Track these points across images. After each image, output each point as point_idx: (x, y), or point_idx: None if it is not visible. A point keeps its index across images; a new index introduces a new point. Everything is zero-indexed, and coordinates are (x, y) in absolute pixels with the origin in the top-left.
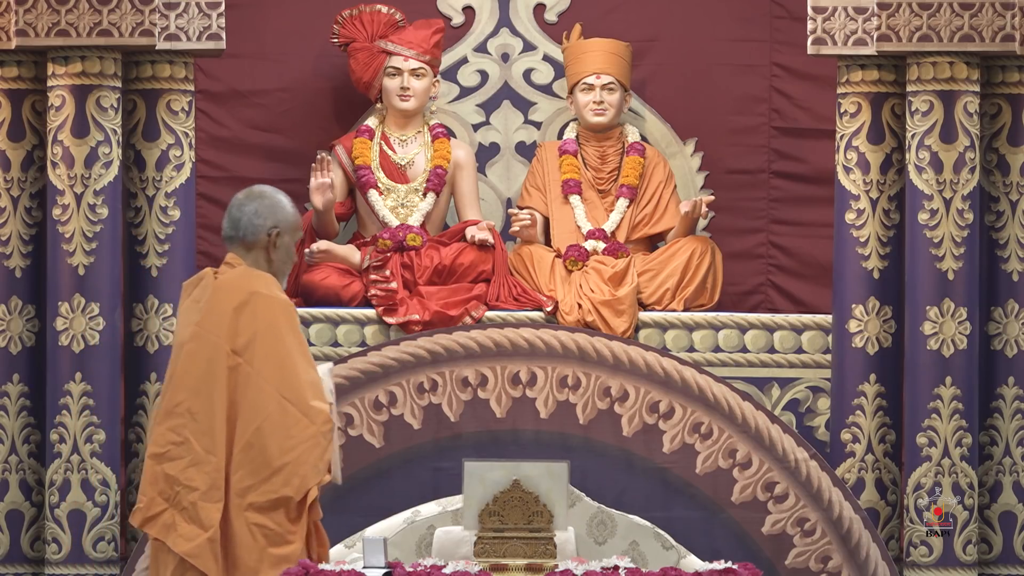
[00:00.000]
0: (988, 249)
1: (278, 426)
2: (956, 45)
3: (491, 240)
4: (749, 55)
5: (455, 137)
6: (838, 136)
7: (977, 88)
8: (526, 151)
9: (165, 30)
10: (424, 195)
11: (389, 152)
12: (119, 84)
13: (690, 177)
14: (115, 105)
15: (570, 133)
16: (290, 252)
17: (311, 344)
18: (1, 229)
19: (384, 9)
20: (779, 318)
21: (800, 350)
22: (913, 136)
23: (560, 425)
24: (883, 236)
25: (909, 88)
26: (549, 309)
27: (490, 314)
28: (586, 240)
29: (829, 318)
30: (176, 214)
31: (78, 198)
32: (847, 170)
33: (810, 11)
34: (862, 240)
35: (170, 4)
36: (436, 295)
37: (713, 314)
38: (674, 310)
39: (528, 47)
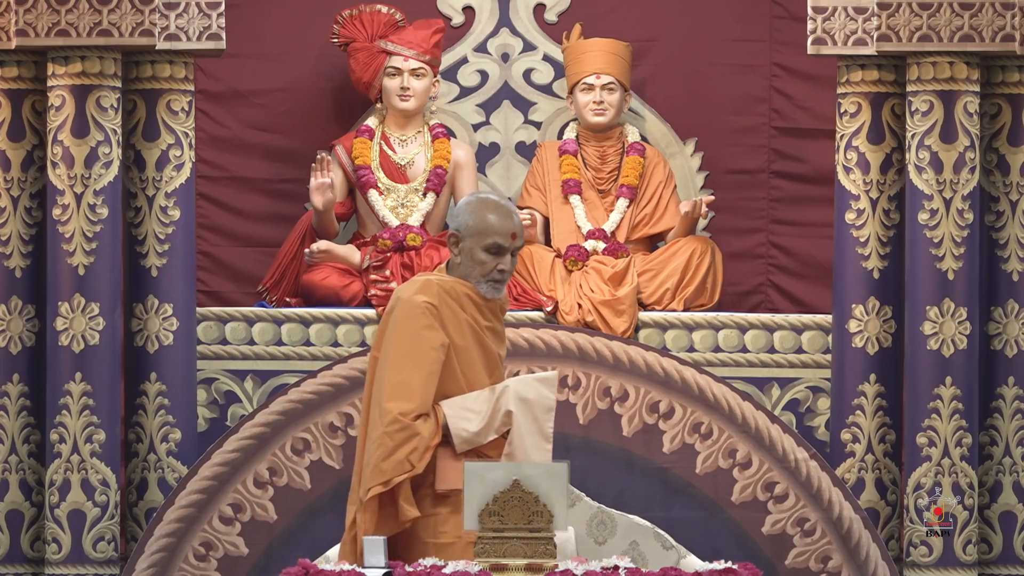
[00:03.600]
0: (988, 249)
1: (371, 428)
2: (956, 45)
3: None
4: (749, 55)
5: (455, 137)
6: (838, 136)
7: (977, 88)
8: (526, 151)
9: (165, 30)
10: (424, 195)
11: (389, 152)
12: (119, 84)
13: (690, 177)
14: (115, 105)
15: (570, 133)
16: (475, 257)
17: (310, 344)
18: (1, 229)
19: (384, 9)
20: (779, 318)
21: (800, 350)
22: (913, 136)
23: (560, 425)
24: (883, 236)
25: (909, 88)
26: (549, 309)
27: None
28: (586, 240)
29: (829, 318)
30: (176, 214)
31: (78, 198)
32: (847, 170)
33: (810, 11)
34: (862, 240)
35: (170, 4)
36: None
37: (713, 314)
38: (674, 310)
39: (528, 47)
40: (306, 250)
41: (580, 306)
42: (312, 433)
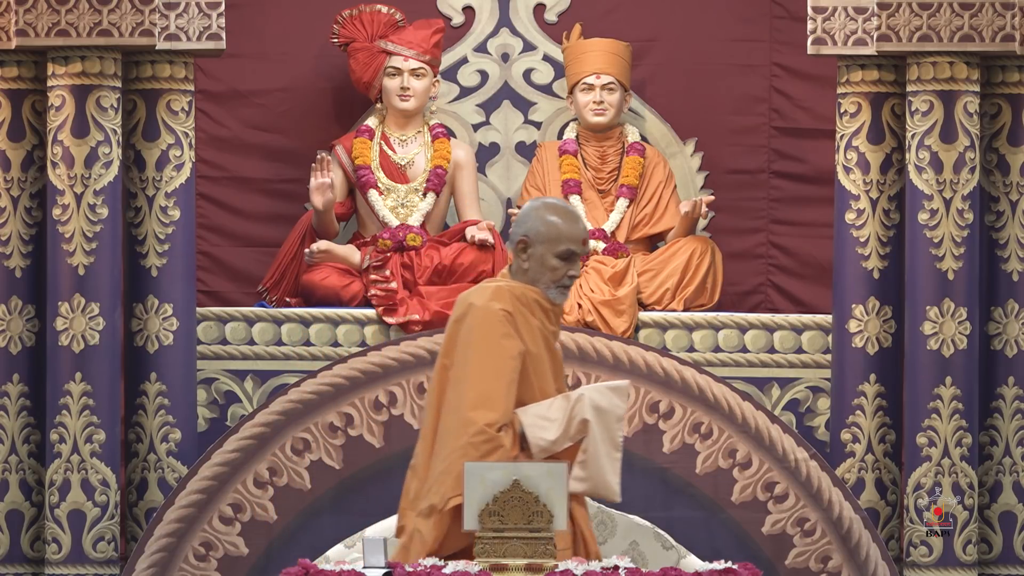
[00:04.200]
0: (988, 249)
1: (445, 435)
2: (956, 45)
3: (491, 240)
4: (749, 55)
5: (455, 137)
6: (838, 136)
7: (977, 88)
8: (526, 151)
9: (165, 30)
10: (424, 195)
11: (389, 152)
12: (119, 84)
13: (690, 177)
14: (115, 105)
15: (570, 133)
16: (546, 263)
17: (310, 344)
18: (1, 229)
19: (384, 9)
20: (779, 318)
21: (800, 350)
22: (913, 136)
23: None
24: (883, 236)
25: (909, 88)
26: None
27: None
28: None
29: (829, 318)
30: (176, 214)
31: (78, 198)
32: (847, 170)
33: (810, 11)
34: (862, 240)
35: (170, 4)
36: (436, 295)
37: (713, 314)
38: (674, 310)
39: (528, 47)
40: (306, 250)
41: (580, 306)
42: (312, 433)
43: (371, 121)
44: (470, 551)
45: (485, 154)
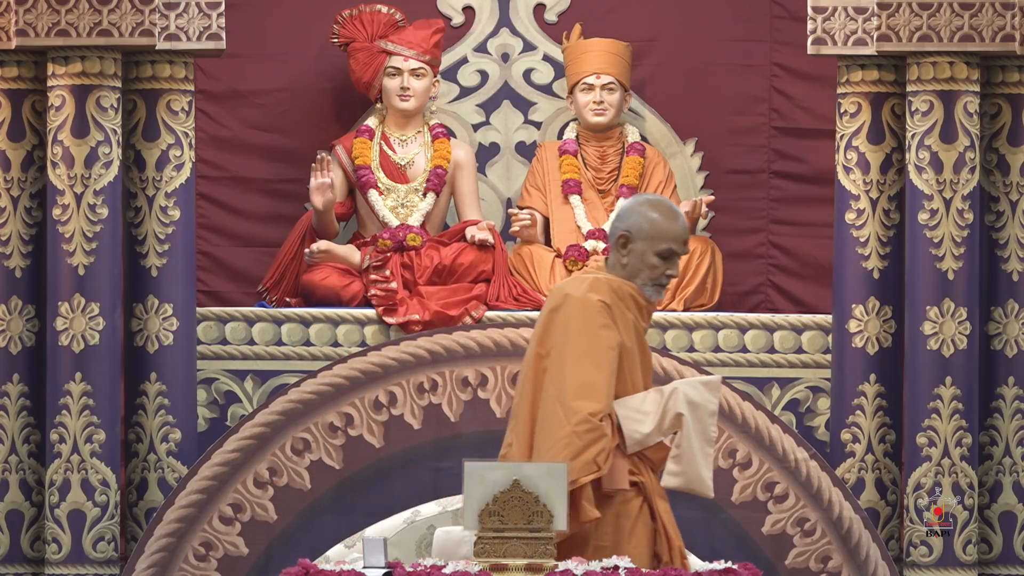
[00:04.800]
0: (988, 249)
1: (546, 426)
2: (956, 45)
3: (491, 240)
4: (749, 55)
5: (455, 137)
6: (838, 136)
7: (977, 88)
8: (526, 151)
9: (165, 30)
10: (424, 195)
11: (389, 152)
12: (119, 84)
13: (690, 177)
14: (115, 105)
15: (570, 133)
16: (645, 260)
17: (310, 344)
18: (1, 229)
19: (384, 9)
20: (779, 318)
21: (800, 350)
22: (913, 136)
23: None
24: (883, 236)
25: (909, 88)
26: None
27: (490, 314)
28: (586, 240)
29: (829, 318)
30: (176, 214)
31: (78, 198)
32: (847, 170)
33: (810, 11)
34: (862, 240)
35: (170, 4)
36: (436, 295)
37: (713, 314)
38: (674, 310)
39: (528, 47)
40: (306, 250)
41: None
42: (312, 433)
43: (371, 121)
44: (574, 539)
45: (485, 154)
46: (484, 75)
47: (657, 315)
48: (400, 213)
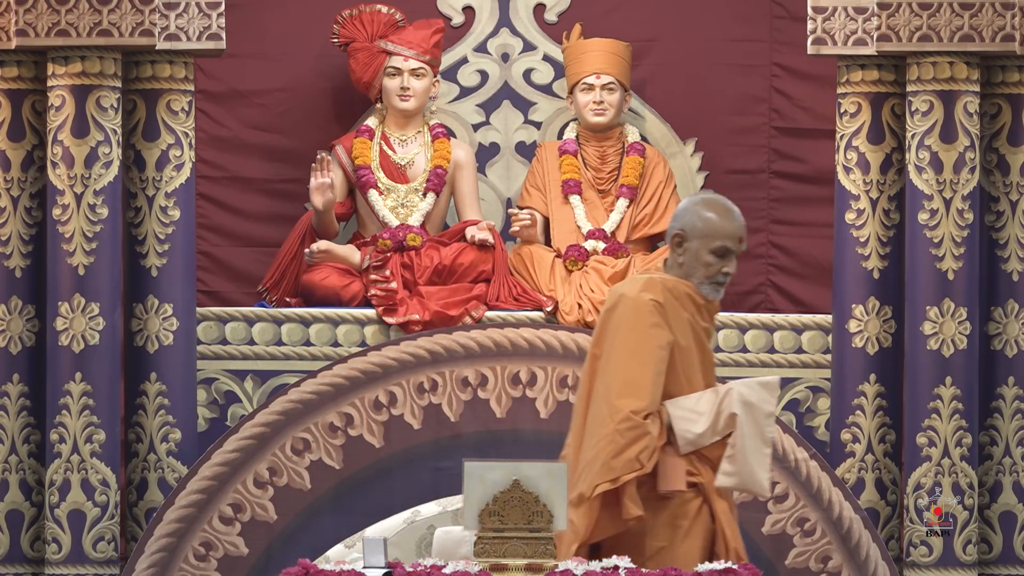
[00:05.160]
0: (988, 249)
1: (593, 424)
2: (956, 45)
3: (491, 240)
4: (749, 55)
5: (455, 137)
6: (838, 136)
7: (977, 88)
8: (526, 151)
9: (165, 30)
10: (424, 195)
11: (389, 152)
12: (119, 84)
13: (690, 177)
14: (115, 105)
15: (570, 133)
16: (700, 258)
17: (310, 344)
18: (1, 229)
19: (384, 9)
20: (779, 318)
21: (800, 350)
22: (913, 136)
23: (560, 425)
24: (883, 236)
25: (909, 88)
26: (549, 309)
27: (490, 314)
28: (586, 240)
29: (829, 318)
30: (176, 214)
31: (78, 198)
32: (847, 170)
33: (810, 11)
34: (862, 240)
35: (170, 4)
36: (436, 295)
37: None
38: None
39: (528, 47)
40: (306, 250)
41: (580, 306)
42: (312, 433)
43: (371, 121)
44: (622, 538)
45: (485, 154)
46: (484, 75)
47: None
48: (400, 213)
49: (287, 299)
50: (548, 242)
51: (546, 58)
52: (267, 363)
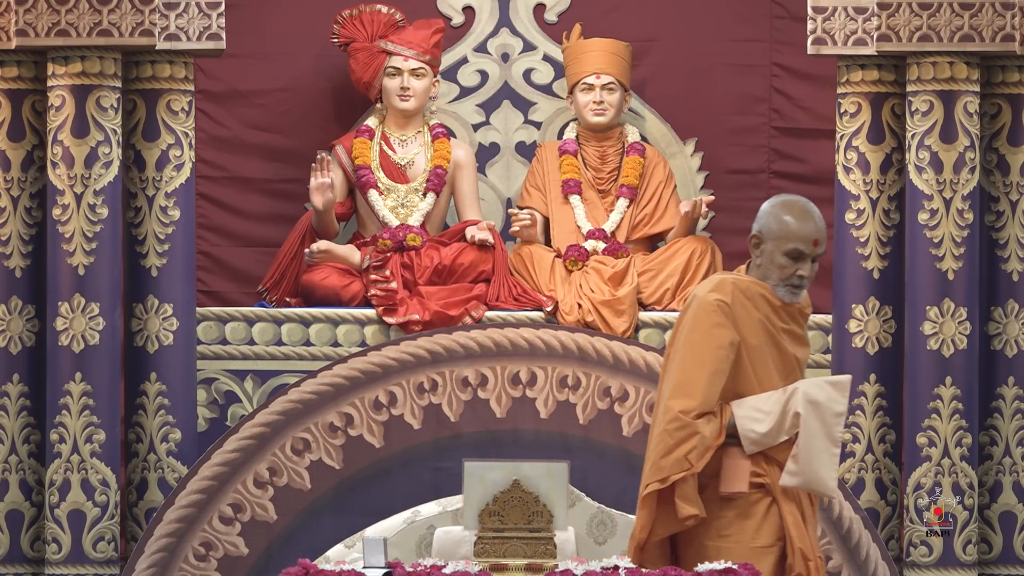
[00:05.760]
0: (988, 249)
1: (652, 425)
2: (956, 45)
3: (491, 240)
4: (749, 55)
5: (455, 137)
6: (838, 136)
7: (977, 88)
8: (526, 151)
9: (165, 30)
10: (424, 195)
11: (389, 152)
12: (119, 84)
13: (690, 177)
14: (115, 105)
15: (570, 133)
16: (775, 260)
17: (310, 344)
18: (1, 229)
19: (384, 9)
20: None
21: None
22: (913, 136)
23: (560, 425)
24: (883, 236)
25: (909, 88)
26: (549, 309)
27: (490, 314)
28: (586, 240)
29: (829, 318)
30: (176, 214)
31: (78, 198)
32: (847, 170)
33: (810, 11)
34: (862, 240)
35: (170, 4)
36: (436, 295)
37: None
38: (674, 310)
39: (528, 47)
40: (306, 250)
41: (580, 306)
42: (312, 433)
43: (371, 121)
44: (692, 537)
45: (485, 154)
46: (484, 75)
47: (657, 315)
48: (400, 213)
49: (287, 299)
50: (548, 242)
51: (546, 58)
52: (267, 363)
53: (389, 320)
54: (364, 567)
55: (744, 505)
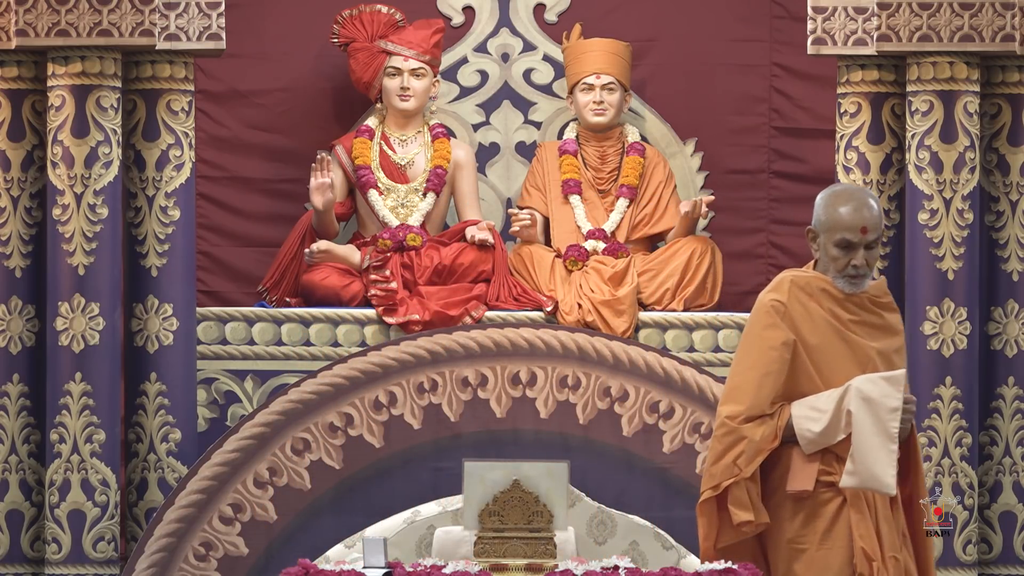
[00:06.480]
0: (988, 249)
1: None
2: (956, 45)
3: (491, 240)
4: (749, 55)
5: (455, 137)
6: (838, 136)
7: (977, 88)
8: (526, 151)
9: (165, 30)
10: (424, 195)
11: (389, 152)
12: (119, 84)
13: (690, 177)
14: (115, 105)
15: (570, 133)
16: (828, 252)
17: (310, 344)
18: (1, 229)
19: (384, 9)
20: None
21: None
22: (913, 136)
23: (560, 425)
24: (883, 236)
25: (909, 88)
26: (549, 309)
27: (490, 314)
28: (586, 240)
29: None
30: (176, 214)
31: (78, 198)
32: (847, 170)
33: (810, 11)
34: None
35: (170, 4)
36: (436, 295)
37: (713, 314)
38: (674, 310)
39: (528, 47)
40: (306, 250)
41: (580, 306)
42: (312, 433)
43: (371, 121)
44: (768, 542)
45: (485, 154)
46: (484, 75)
47: (657, 315)
48: (400, 213)
49: (287, 299)
50: (548, 242)
51: (546, 58)
52: (267, 363)
53: (389, 320)
54: (364, 567)
55: (814, 505)
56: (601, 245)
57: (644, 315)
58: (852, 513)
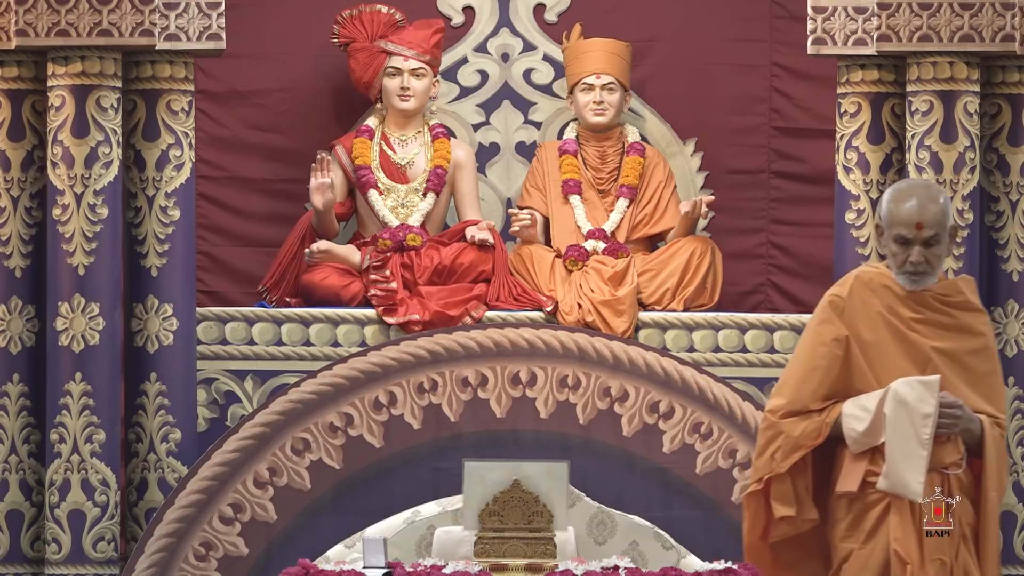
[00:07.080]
0: (988, 249)
1: None
2: (956, 45)
3: (491, 240)
4: (749, 55)
5: (455, 137)
6: (838, 136)
7: (977, 88)
8: (526, 151)
9: (165, 30)
10: (424, 195)
11: (389, 152)
12: (119, 84)
13: (690, 177)
14: (115, 105)
15: (570, 133)
16: (889, 248)
17: (310, 344)
18: (1, 229)
19: (384, 9)
20: (779, 318)
21: None
22: (913, 136)
23: (560, 425)
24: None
25: (909, 88)
26: (549, 309)
27: (490, 314)
28: (586, 240)
29: None
30: (176, 214)
31: (78, 198)
32: (847, 170)
33: (810, 11)
34: (862, 240)
35: (170, 4)
36: (436, 295)
37: (713, 314)
38: (674, 310)
39: (528, 47)
40: (306, 250)
41: (580, 306)
42: (312, 433)
43: (371, 121)
44: (821, 540)
45: (485, 154)
46: (484, 75)
47: (657, 315)
48: (400, 213)
49: (287, 299)
50: (548, 242)
51: (546, 58)
52: (267, 363)
53: (389, 320)
54: (364, 567)
55: (861, 506)
56: (601, 245)
57: (644, 315)
58: (892, 515)
